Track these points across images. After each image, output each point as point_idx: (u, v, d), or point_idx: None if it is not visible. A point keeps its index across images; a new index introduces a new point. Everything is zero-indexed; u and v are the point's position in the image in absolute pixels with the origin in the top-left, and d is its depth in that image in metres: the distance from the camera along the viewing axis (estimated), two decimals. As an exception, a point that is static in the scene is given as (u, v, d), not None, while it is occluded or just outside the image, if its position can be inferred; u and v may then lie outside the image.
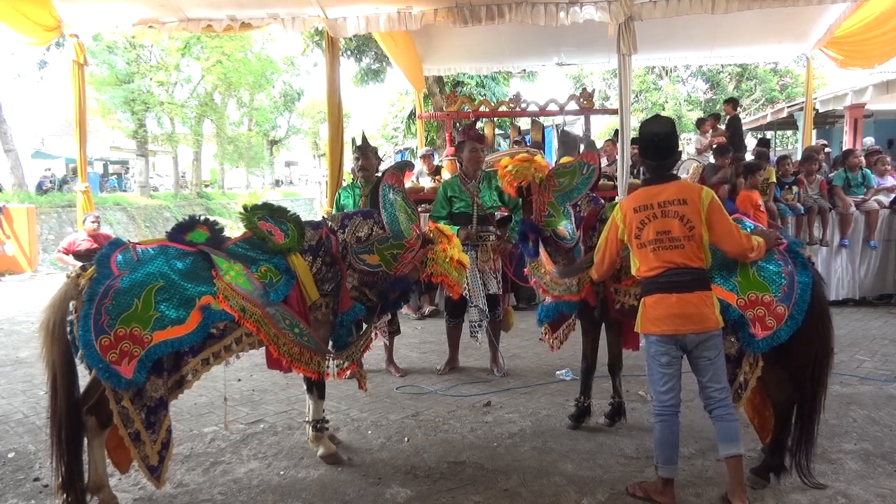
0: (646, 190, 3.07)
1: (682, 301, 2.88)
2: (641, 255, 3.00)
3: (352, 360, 3.41)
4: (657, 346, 2.96)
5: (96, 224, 9.03)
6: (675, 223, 2.91)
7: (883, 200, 7.80)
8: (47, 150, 30.36)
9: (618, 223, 3.10)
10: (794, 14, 8.83)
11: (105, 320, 2.63)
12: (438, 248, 3.60)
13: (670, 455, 2.97)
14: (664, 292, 2.92)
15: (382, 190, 3.59)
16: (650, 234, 2.95)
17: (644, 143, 3.13)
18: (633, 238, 3.01)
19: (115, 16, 8.40)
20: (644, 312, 3.00)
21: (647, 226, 2.96)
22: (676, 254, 2.91)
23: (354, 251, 3.39)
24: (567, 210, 3.78)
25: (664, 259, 2.92)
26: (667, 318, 2.91)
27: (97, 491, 2.88)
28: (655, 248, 2.95)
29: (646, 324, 2.99)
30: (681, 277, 2.90)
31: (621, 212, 3.09)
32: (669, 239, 2.91)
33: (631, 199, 3.11)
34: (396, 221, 3.53)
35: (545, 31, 8.72)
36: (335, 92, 8.34)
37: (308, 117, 39.92)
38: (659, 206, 2.95)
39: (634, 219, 3.00)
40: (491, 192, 5.03)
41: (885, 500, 3.01)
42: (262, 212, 3.30)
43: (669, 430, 2.97)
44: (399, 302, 3.71)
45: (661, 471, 3.00)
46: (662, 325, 2.93)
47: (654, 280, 2.95)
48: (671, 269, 2.91)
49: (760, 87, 26.06)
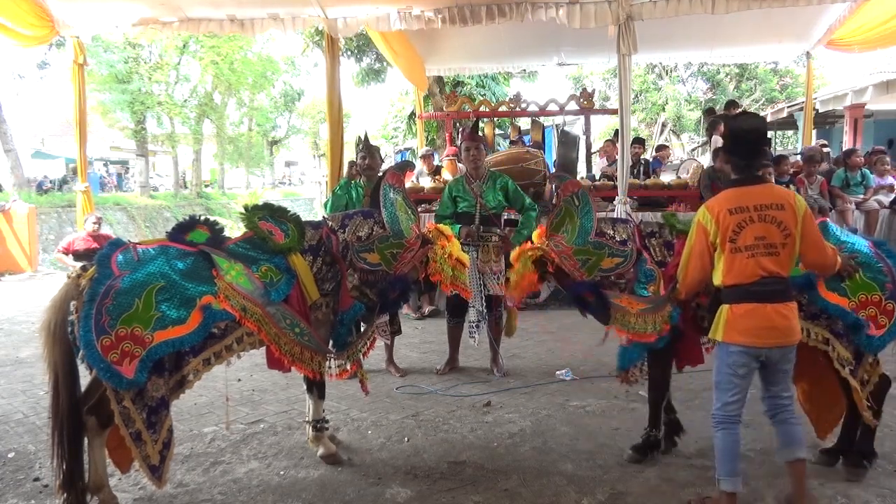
0: (736, 191, 2.86)
1: (776, 312, 2.75)
2: (734, 260, 2.79)
3: (353, 360, 3.41)
4: (738, 357, 2.81)
5: (97, 225, 9.04)
6: (774, 229, 2.75)
7: (883, 200, 7.80)
8: (47, 150, 30.37)
9: (706, 227, 2.85)
10: (794, 14, 8.83)
11: (106, 320, 2.63)
12: (437, 246, 3.60)
13: (733, 466, 2.84)
14: (757, 302, 2.76)
15: (383, 189, 3.60)
16: (748, 238, 2.76)
17: (735, 141, 2.92)
18: (727, 242, 2.79)
19: (114, 15, 8.41)
20: (729, 321, 2.81)
21: (744, 230, 2.76)
22: (771, 261, 2.75)
23: (356, 249, 3.40)
24: (598, 242, 3.46)
25: (760, 266, 2.75)
26: (758, 329, 2.76)
27: (97, 491, 2.88)
28: (752, 255, 2.76)
29: (730, 333, 2.81)
30: (774, 287, 2.76)
31: (710, 214, 2.84)
32: (766, 245, 2.75)
33: (722, 201, 2.86)
34: (397, 221, 3.54)
35: (545, 31, 8.73)
36: (335, 92, 8.35)
37: (308, 117, 39.93)
38: (755, 209, 2.77)
39: (730, 221, 2.78)
40: (496, 192, 5.02)
41: (885, 500, 3.01)
42: (263, 212, 3.31)
43: (733, 440, 2.86)
44: (398, 302, 3.70)
45: (725, 484, 2.83)
46: (752, 336, 2.77)
47: (746, 288, 2.77)
48: (765, 277, 2.75)
49: (760, 87, 26.06)
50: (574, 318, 4.80)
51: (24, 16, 7.95)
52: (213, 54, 23.05)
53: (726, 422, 2.87)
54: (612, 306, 3.32)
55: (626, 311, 3.26)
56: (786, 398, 2.90)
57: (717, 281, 2.88)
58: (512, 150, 8.32)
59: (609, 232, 3.50)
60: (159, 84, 23.34)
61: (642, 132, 26.50)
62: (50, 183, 24.41)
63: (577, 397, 4.51)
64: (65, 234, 12.62)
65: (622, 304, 3.29)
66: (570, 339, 6.27)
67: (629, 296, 3.32)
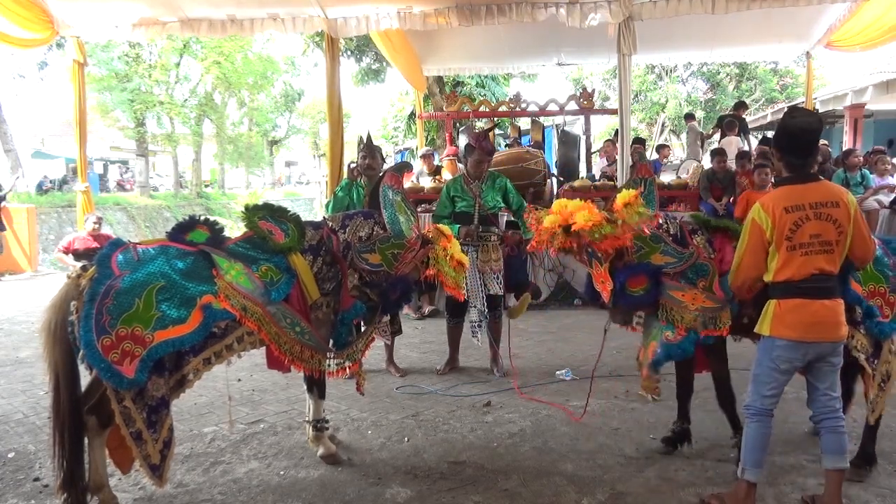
0: (792, 189, 2.85)
1: (825, 309, 2.79)
2: (788, 257, 2.79)
3: (353, 359, 3.42)
4: (783, 352, 2.83)
5: (98, 225, 9.04)
6: (829, 227, 2.76)
7: (883, 200, 7.80)
8: (47, 150, 30.36)
9: (761, 225, 2.83)
10: (794, 14, 8.84)
11: (106, 320, 2.63)
12: (438, 246, 3.61)
13: (760, 457, 2.89)
14: (807, 298, 2.78)
15: (382, 190, 3.61)
16: (804, 236, 2.76)
17: (790, 139, 2.87)
18: (784, 240, 2.78)
19: (114, 15, 8.41)
20: (777, 315, 2.83)
21: (800, 227, 2.77)
22: (824, 258, 2.77)
23: (357, 249, 3.41)
24: (654, 235, 3.33)
25: (813, 264, 2.77)
26: (807, 325, 2.78)
27: (97, 491, 2.88)
28: (807, 252, 2.77)
29: (778, 327, 2.83)
30: (825, 284, 2.79)
31: (765, 212, 2.82)
32: (821, 243, 2.76)
33: (777, 199, 2.84)
34: (397, 222, 3.55)
35: (545, 31, 8.74)
36: (335, 92, 8.36)
37: (308, 117, 39.92)
38: (811, 207, 2.77)
39: (787, 219, 2.78)
40: (494, 192, 5.03)
41: (885, 500, 3.01)
42: (263, 211, 3.31)
43: (764, 432, 2.90)
44: (400, 302, 3.69)
45: (749, 474, 2.88)
46: (800, 331, 2.79)
47: (797, 285, 2.79)
48: (816, 274, 2.77)
49: (760, 87, 26.05)
50: (574, 318, 4.81)
51: (24, 18, 7.96)
52: (214, 54, 23.06)
53: (760, 414, 2.90)
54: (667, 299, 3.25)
55: (684, 306, 3.20)
56: (835, 398, 2.89)
57: (769, 277, 2.87)
58: (512, 150, 8.32)
59: (665, 224, 3.40)
60: (159, 84, 23.33)
61: (642, 132, 26.50)
62: (50, 183, 24.40)
63: (577, 397, 4.51)
64: (65, 234, 12.61)
65: (680, 299, 3.22)
66: (570, 339, 6.28)
67: (693, 289, 3.23)
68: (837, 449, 2.86)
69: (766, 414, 2.90)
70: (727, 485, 3.15)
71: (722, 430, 3.84)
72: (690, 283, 3.25)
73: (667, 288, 3.25)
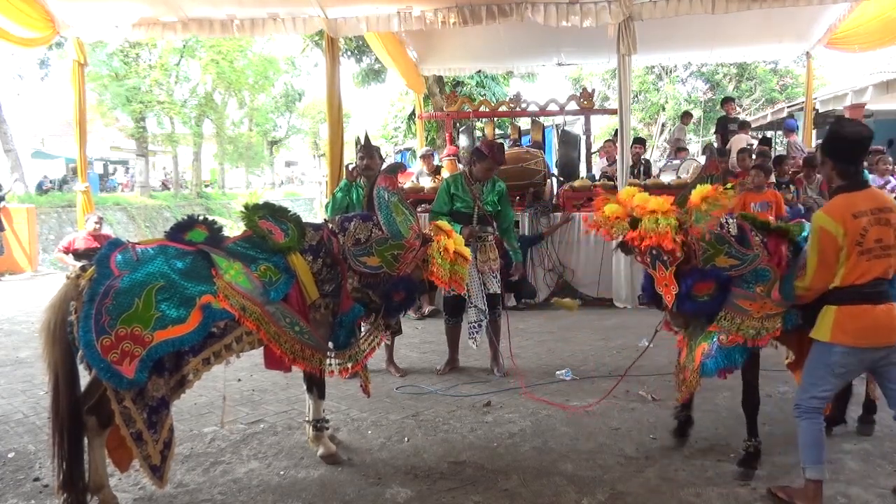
0: (851, 196, 2.88)
1: (884, 313, 2.82)
2: (855, 263, 2.81)
3: (355, 360, 3.42)
4: (841, 357, 2.85)
5: (98, 225, 9.03)
6: (889, 231, 2.82)
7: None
8: (47, 150, 30.36)
9: (833, 232, 2.82)
10: (794, 13, 8.84)
11: (106, 320, 2.62)
12: (434, 242, 3.60)
13: (819, 454, 2.91)
14: (868, 303, 2.81)
15: (377, 192, 3.61)
16: (870, 241, 2.80)
17: (847, 147, 2.92)
18: (855, 246, 2.80)
19: (114, 15, 8.41)
20: (837, 321, 2.85)
21: (868, 233, 2.80)
22: (884, 263, 2.82)
23: (353, 254, 3.40)
24: (718, 236, 3.19)
25: (876, 268, 2.81)
26: (868, 329, 2.81)
27: (97, 491, 2.88)
28: (871, 257, 2.81)
29: (837, 333, 2.84)
30: (883, 288, 2.84)
31: (835, 220, 2.82)
32: (882, 248, 2.81)
33: (842, 207, 2.86)
34: (394, 223, 3.53)
35: (545, 31, 8.73)
36: (335, 92, 8.36)
37: (308, 117, 39.92)
38: (871, 212, 2.82)
39: (856, 225, 2.80)
40: (493, 196, 5.05)
41: (885, 500, 3.01)
42: (263, 211, 3.31)
43: (818, 429, 2.93)
44: (404, 305, 3.67)
45: (811, 472, 2.90)
46: (861, 337, 2.82)
47: (859, 290, 2.82)
48: (877, 279, 2.81)
49: (760, 87, 26.04)
50: (574, 318, 4.81)
51: (26, 15, 7.97)
52: (213, 53, 23.05)
53: (811, 412, 2.93)
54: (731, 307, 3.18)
55: (748, 315, 3.15)
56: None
57: (835, 283, 2.87)
58: (512, 150, 8.31)
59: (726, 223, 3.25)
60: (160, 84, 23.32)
61: (642, 132, 26.49)
62: (50, 183, 24.39)
63: (577, 397, 4.51)
64: (65, 234, 12.62)
65: (748, 308, 3.15)
66: (570, 339, 6.28)
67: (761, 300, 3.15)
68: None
69: (817, 412, 2.93)
70: (727, 485, 3.15)
71: (722, 430, 3.85)
72: (750, 287, 3.17)
73: (734, 296, 3.19)
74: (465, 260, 3.71)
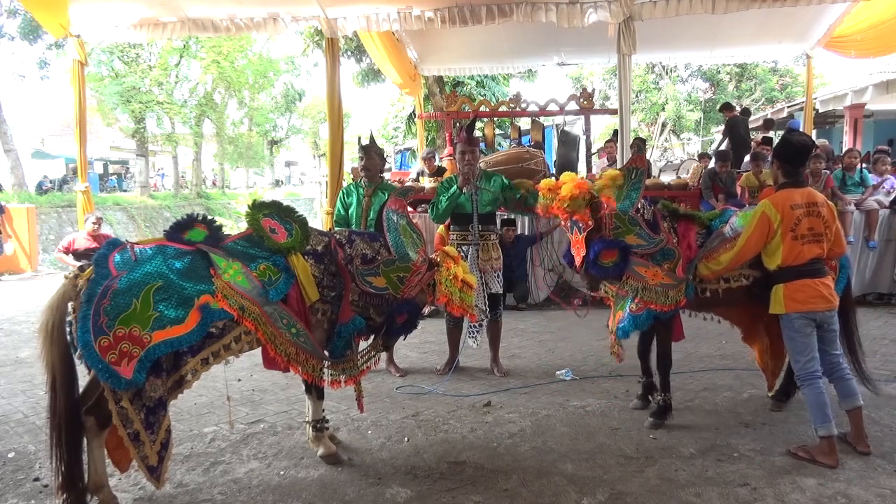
0: (791, 192, 3.53)
1: (822, 284, 3.49)
2: (793, 247, 3.47)
3: (349, 374, 3.38)
4: (800, 321, 3.50)
5: (97, 225, 9.03)
6: (818, 222, 3.48)
7: (883, 200, 7.79)
8: (47, 150, 30.37)
9: (771, 217, 3.49)
10: (794, 14, 8.84)
11: (104, 321, 2.62)
12: (443, 268, 3.61)
13: (825, 414, 3.41)
14: (808, 278, 3.48)
15: (386, 214, 3.61)
16: (803, 229, 3.46)
17: (794, 151, 3.58)
18: (789, 231, 3.46)
19: (114, 15, 8.41)
20: (787, 294, 3.51)
21: (801, 222, 3.46)
22: (817, 247, 3.49)
23: (360, 272, 3.38)
24: (632, 218, 3.80)
25: (810, 251, 3.48)
26: (812, 297, 3.47)
27: (97, 491, 2.88)
28: (805, 242, 3.46)
29: (789, 303, 3.50)
30: (819, 265, 3.52)
31: (776, 208, 3.48)
32: (813, 235, 3.47)
33: (783, 199, 3.51)
34: (402, 245, 3.53)
35: (545, 31, 8.73)
36: (335, 92, 8.35)
37: (308, 117, 39.94)
38: (806, 206, 3.49)
39: (792, 215, 3.46)
40: (489, 193, 5.02)
41: (885, 500, 3.00)
42: (269, 209, 3.29)
43: (819, 391, 3.45)
44: (405, 327, 3.60)
45: (822, 430, 3.39)
46: (808, 302, 3.47)
47: (799, 268, 3.49)
48: (814, 259, 3.49)
49: (760, 86, 26.05)
50: (574, 318, 4.81)
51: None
52: (213, 54, 23.04)
53: (810, 378, 3.48)
54: (631, 273, 3.74)
55: (645, 281, 3.72)
56: (838, 355, 3.60)
57: (774, 265, 3.55)
58: (512, 150, 8.31)
59: (642, 208, 3.87)
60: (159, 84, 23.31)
61: (642, 132, 26.48)
62: (50, 183, 24.40)
63: (577, 397, 4.51)
64: (65, 234, 12.62)
65: (644, 274, 3.73)
66: (570, 339, 6.27)
67: (655, 267, 3.74)
68: (850, 393, 3.53)
69: (815, 377, 3.47)
70: (727, 485, 3.15)
71: (722, 430, 3.85)
72: (656, 263, 3.76)
73: (633, 264, 3.76)
74: (470, 288, 3.75)
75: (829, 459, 3.34)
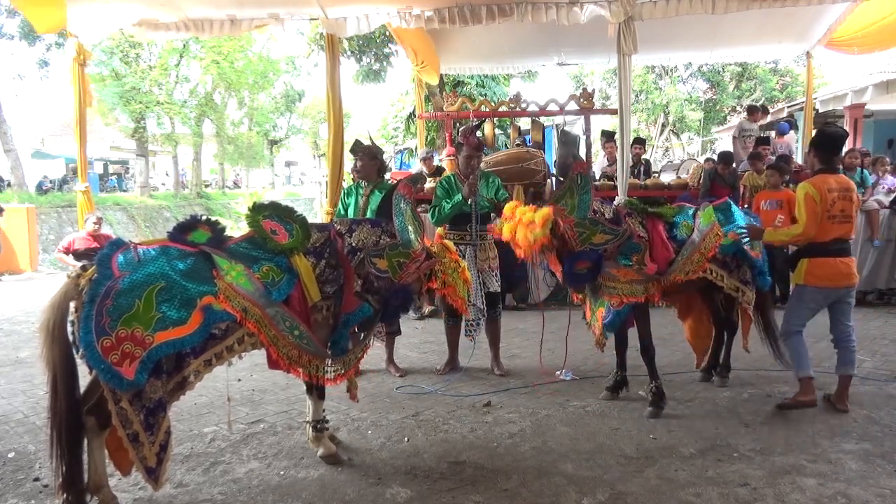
0: (827, 177, 3.97)
1: (843, 263, 3.98)
2: (825, 225, 3.90)
3: (348, 367, 3.42)
4: (813, 295, 4.04)
5: (98, 225, 9.02)
6: (849, 205, 3.95)
7: (883, 200, 7.80)
8: (47, 150, 30.37)
9: (814, 198, 3.89)
10: (794, 14, 8.83)
11: (106, 321, 2.62)
12: (449, 258, 3.68)
13: (804, 361, 4.06)
14: (830, 256, 3.95)
15: (395, 198, 3.68)
16: (836, 210, 3.90)
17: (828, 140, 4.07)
18: (825, 211, 3.89)
19: (114, 15, 8.39)
20: (808, 269, 3.99)
21: (835, 204, 3.90)
22: (845, 227, 3.95)
23: (370, 253, 3.45)
24: (592, 220, 4.03)
25: (837, 229, 3.92)
26: (830, 275, 3.95)
27: (97, 491, 2.88)
28: (835, 222, 3.91)
29: (808, 277, 3.99)
30: (844, 245, 4.00)
31: (817, 190, 3.90)
32: (844, 216, 3.93)
33: (821, 182, 3.93)
34: (406, 231, 3.60)
35: (545, 30, 8.72)
36: (335, 92, 8.33)
37: (308, 117, 39.90)
38: (839, 190, 3.92)
39: (829, 197, 3.89)
40: (488, 191, 5.04)
41: (885, 500, 3.01)
42: (269, 210, 3.31)
43: (799, 342, 4.08)
44: (399, 311, 3.76)
45: (801, 372, 4.03)
46: (825, 279, 3.97)
47: (823, 246, 3.94)
48: (838, 238, 3.94)
49: (760, 86, 26.01)
50: (574, 318, 4.81)
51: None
52: (213, 54, 23.03)
53: (791, 332, 4.10)
54: (605, 275, 4.02)
55: (617, 280, 4.01)
56: (850, 326, 4.12)
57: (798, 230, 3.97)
58: (512, 150, 8.31)
59: (600, 210, 4.12)
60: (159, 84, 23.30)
61: (643, 132, 26.47)
62: (50, 183, 24.40)
63: (577, 397, 4.51)
64: (65, 234, 12.61)
65: (616, 274, 4.01)
66: (570, 338, 6.26)
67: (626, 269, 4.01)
68: (848, 361, 4.10)
69: (796, 332, 4.08)
70: (727, 485, 3.15)
71: (722, 430, 3.85)
72: (626, 258, 4.03)
73: (606, 266, 4.02)
74: (467, 283, 3.95)
75: (807, 397, 3.96)
